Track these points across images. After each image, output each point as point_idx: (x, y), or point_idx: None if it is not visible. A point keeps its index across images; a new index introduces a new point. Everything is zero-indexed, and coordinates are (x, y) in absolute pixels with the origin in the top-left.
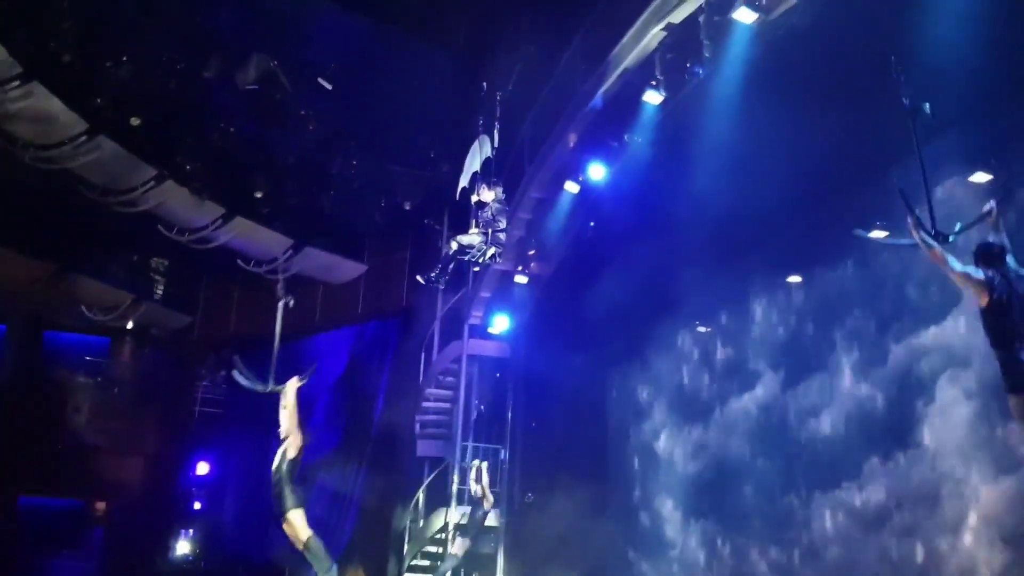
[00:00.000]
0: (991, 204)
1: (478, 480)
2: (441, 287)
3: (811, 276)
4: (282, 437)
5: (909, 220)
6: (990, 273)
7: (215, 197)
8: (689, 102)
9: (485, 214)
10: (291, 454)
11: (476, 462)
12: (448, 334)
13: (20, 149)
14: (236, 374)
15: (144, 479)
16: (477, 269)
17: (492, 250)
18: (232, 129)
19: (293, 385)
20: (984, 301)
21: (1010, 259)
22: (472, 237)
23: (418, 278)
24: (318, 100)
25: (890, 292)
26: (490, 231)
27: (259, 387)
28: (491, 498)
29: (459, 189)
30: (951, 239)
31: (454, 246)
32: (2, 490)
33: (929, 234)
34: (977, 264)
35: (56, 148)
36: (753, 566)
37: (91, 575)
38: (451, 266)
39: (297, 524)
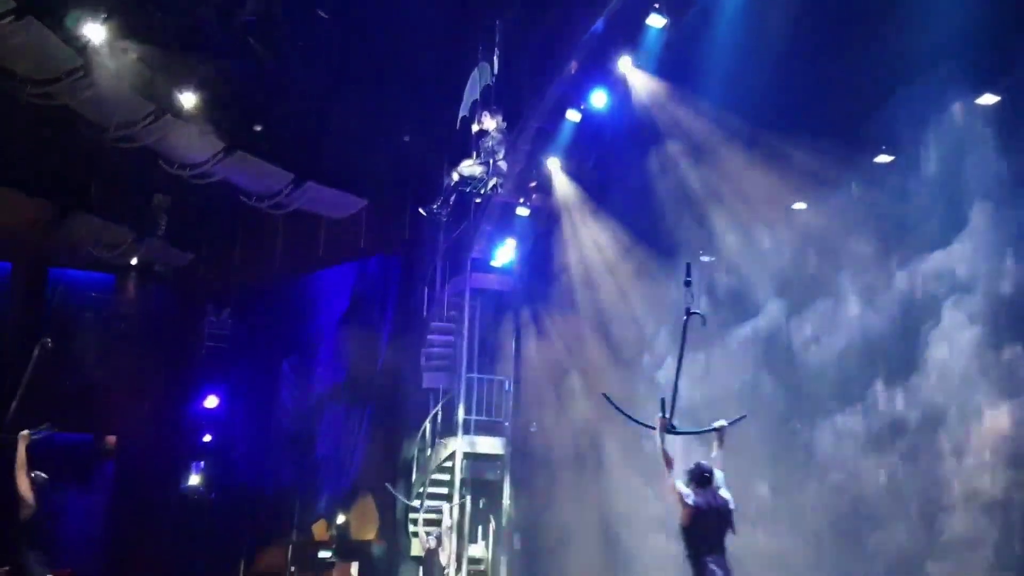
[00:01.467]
0: (723, 423)
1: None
2: (444, 219)
3: (815, 202)
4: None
5: (657, 421)
6: (699, 498)
7: (215, 131)
8: (693, 25)
9: (486, 143)
10: (25, 514)
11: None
12: (451, 267)
13: (18, 85)
14: None
15: (153, 413)
16: (479, 200)
17: (493, 180)
18: (230, 62)
19: (24, 439)
20: (686, 521)
21: (719, 477)
22: (473, 167)
23: (420, 210)
24: (316, 31)
25: (894, 217)
26: (491, 161)
27: None
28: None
29: (459, 118)
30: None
31: (455, 177)
32: (11, 427)
33: (671, 431)
34: (689, 482)
35: (54, 84)
36: (755, 490)
37: (103, 508)
38: (453, 198)
39: None
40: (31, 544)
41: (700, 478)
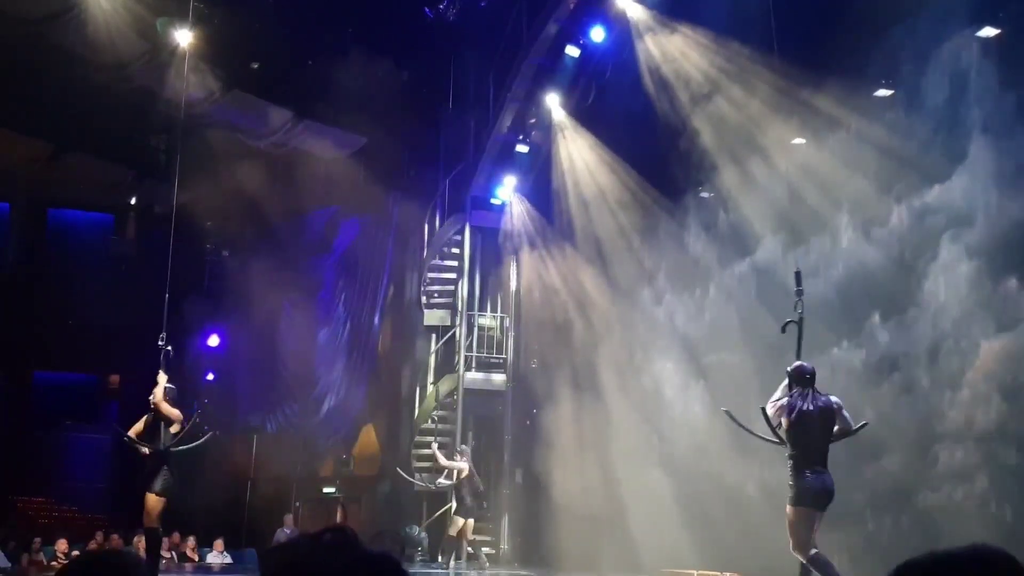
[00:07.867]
0: None
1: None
2: (450, 18)
3: (814, 137)
4: None
5: None
6: (794, 397)
7: (212, 70)
8: None
9: None
10: None
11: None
12: (450, 205)
13: (13, 23)
14: None
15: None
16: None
17: None
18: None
19: None
20: (787, 423)
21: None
22: None
23: (426, 10)
24: None
25: (894, 151)
26: None
27: None
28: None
29: None
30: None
31: None
32: (16, 366)
33: None
34: (791, 384)
35: (49, 22)
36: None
37: (107, 446)
38: None
39: None
40: None
41: (801, 378)
